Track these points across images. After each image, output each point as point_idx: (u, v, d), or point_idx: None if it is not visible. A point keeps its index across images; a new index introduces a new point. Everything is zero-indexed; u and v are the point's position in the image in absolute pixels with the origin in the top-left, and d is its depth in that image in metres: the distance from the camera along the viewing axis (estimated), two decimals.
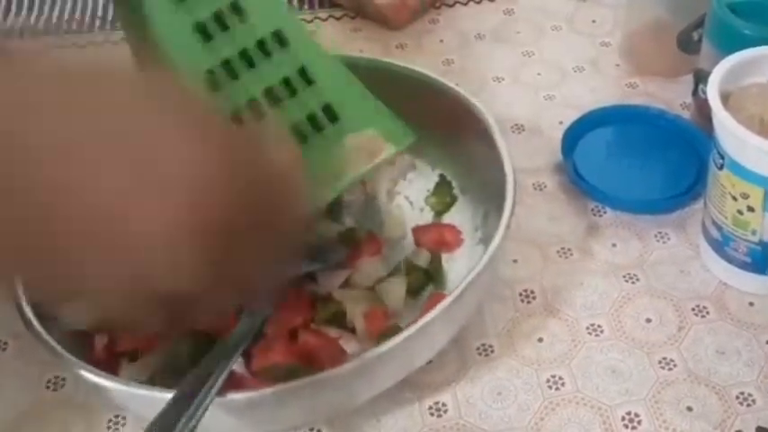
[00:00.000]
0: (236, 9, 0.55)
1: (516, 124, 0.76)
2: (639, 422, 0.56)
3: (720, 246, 0.62)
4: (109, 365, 0.55)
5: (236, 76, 0.55)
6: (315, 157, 0.55)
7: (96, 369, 0.51)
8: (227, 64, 0.55)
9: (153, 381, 0.55)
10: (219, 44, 0.55)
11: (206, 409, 0.47)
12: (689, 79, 0.74)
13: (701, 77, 0.71)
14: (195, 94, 0.43)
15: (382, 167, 0.65)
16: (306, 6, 0.92)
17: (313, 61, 0.56)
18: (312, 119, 0.56)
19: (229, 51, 0.55)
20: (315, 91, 0.56)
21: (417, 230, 0.66)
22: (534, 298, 0.63)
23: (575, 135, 0.73)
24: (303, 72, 0.56)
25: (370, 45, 0.86)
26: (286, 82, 0.56)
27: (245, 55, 0.55)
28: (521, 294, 0.63)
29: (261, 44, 0.56)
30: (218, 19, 0.55)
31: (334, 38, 0.87)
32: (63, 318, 0.58)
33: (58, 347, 0.52)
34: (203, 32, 0.55)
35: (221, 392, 0.49)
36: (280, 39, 0.56)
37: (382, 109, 0.58)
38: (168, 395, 0.48)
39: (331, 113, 0.56)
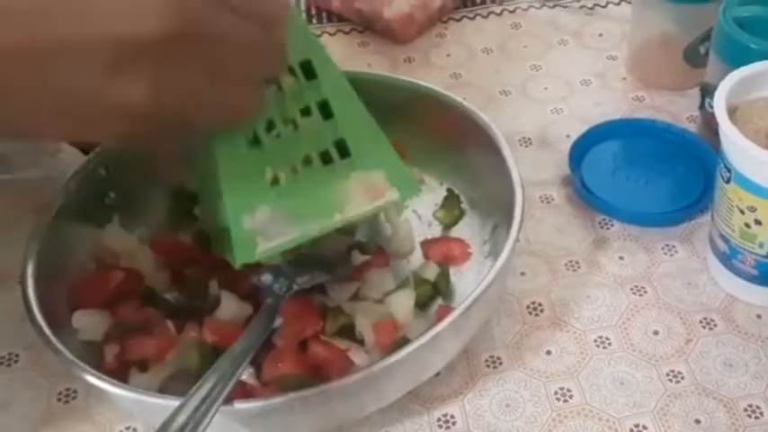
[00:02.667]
0: None
1: (524, 137, 0.77)
2: None
3: (728, 258, 0.62)
4: (119, 375, 0.55)
5: None
6: (319, 189, 0.55)
7: (106, 377, 0.52)
8: None
9: (163, 390, 0.56)
10: None
11: (212, 418, 0.48)
12: (696, 93, 0.75)
13: (707, 91, 0.71)
14: None
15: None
16: (314, 21, 0.92)
17: (336, 97, 0.56)
18: (323, 151, 0.55)
19: None
20: (332, 125, 0.56)
21: (426, 244, 0.66)
22: (542, 310, 0.63)
23: (582, 148, 0.73)
24: (324, 105, 0.56)
25: (377, 59, 0.87)
26: (305, 111, 0.55)
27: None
28: (528, 307, 0.64)
29: (289, 71, 0.55)
30: None
31: (342, 52, 0.88)
32: (74, 328, 0.59)
33: (69, 355, 0.52)
34: None
35: (228, 401, 0.49)
36: (308, 69, 0.56)
37: (393, 155, 0.57)
38: (175, 403, 0.48)
39: (343, 149, 0.56)
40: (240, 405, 0.50)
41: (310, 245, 0.57)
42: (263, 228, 0.53)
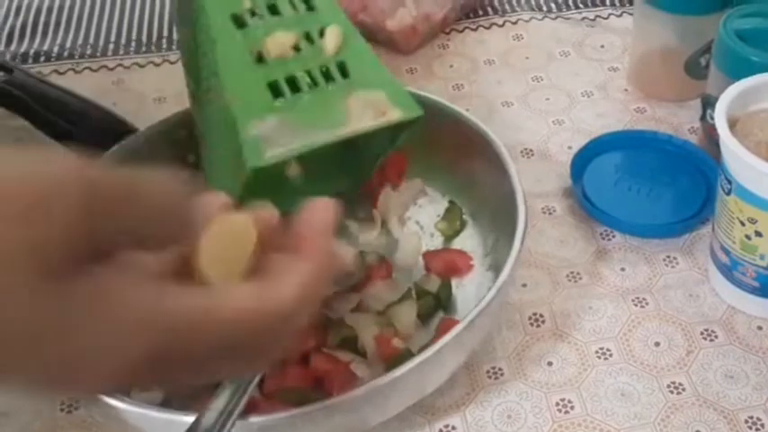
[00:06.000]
0: None
1: (525, 149, 0.77)
2: None
3: (728, 270, 0.62)
4: None
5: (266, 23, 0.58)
6: (322, 104, 0.56)
7: None
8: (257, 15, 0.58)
9: (167, 401, 0.56)
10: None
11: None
12: (697, 104, 0.75)
13: (708, 103, 0.71)
14: None
15: (405, 194, 0.68)
16: None
17: (335, 25, 0.58)
18: (325, 70, 0.57)
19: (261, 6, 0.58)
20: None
21: (428, 255, 0.66)
22: (543, 322, 0.64)
23: (583, 160, 0.74)
24: (323, 32, 0.58)
25: None
26: (307, 36, 0.58)
27: (273, 8, 0.58)
28: (530, 318, 0.64)
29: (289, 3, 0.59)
30: None
31: None
32: None
33: None
34: None
35: (243, 415, 0.49)
36: (308, 3, 0.59)
37: (392, 79, 0.58)
38: (180, 417, 0.48)
39: (343, 70, 0.58)
40: (248, 420, 0.50)
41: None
42: (271, 135, 0.54)
